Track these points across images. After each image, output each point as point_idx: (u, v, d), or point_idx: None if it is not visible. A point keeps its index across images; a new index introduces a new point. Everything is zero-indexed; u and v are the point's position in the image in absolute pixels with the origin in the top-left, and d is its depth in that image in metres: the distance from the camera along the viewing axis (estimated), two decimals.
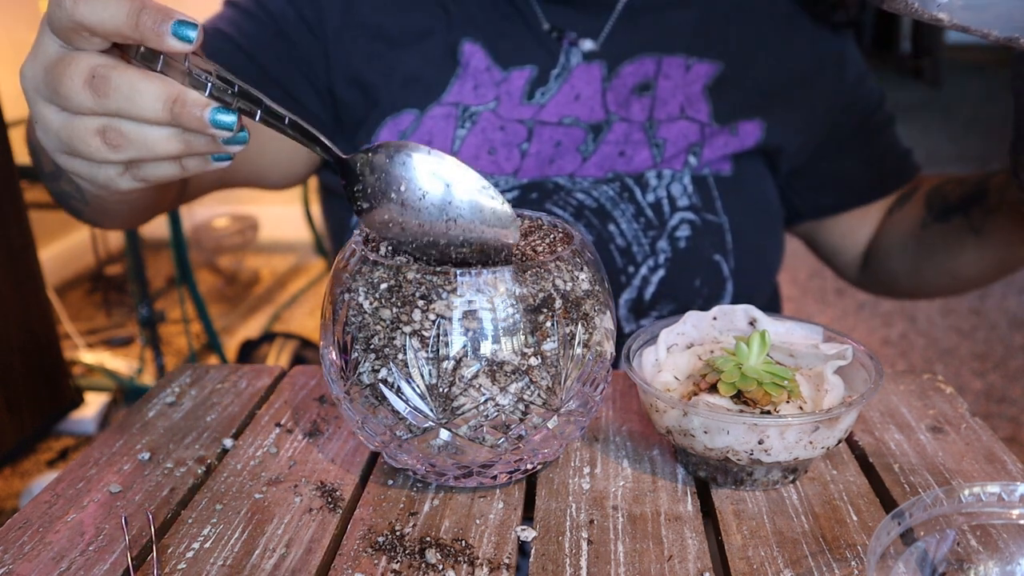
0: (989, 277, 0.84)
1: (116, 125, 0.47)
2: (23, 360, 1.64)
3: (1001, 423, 2.17)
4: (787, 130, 0.87)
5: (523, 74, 0.84)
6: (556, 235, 0.55)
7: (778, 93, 0.87)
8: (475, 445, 0.50)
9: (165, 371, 2.11)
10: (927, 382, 0.70)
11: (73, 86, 0.46)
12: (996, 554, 0.47)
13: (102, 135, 0.47)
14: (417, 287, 0.48)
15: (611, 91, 0.84)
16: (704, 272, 0.83)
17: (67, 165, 0.51)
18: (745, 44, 0.86)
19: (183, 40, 0.44)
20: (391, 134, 0.83)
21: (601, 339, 0.52)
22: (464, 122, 0.83)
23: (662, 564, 0.48)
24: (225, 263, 3.03)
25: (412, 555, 0.49)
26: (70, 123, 0.47)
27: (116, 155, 0.47)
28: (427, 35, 0.84)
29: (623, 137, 0.83)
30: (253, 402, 0.67)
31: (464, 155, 0.82)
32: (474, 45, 0.83)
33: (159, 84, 0.45)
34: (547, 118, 0.83)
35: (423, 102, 0.83)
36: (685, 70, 0.85)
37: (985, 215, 0.79)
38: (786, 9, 0.88)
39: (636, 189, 0.82)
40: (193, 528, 0.52)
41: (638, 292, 0.82)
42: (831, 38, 0.89)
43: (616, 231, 0.81)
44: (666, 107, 0.84)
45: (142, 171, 0.50)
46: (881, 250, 0.93)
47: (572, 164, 0.83)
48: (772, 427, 0.51)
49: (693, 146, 0.83)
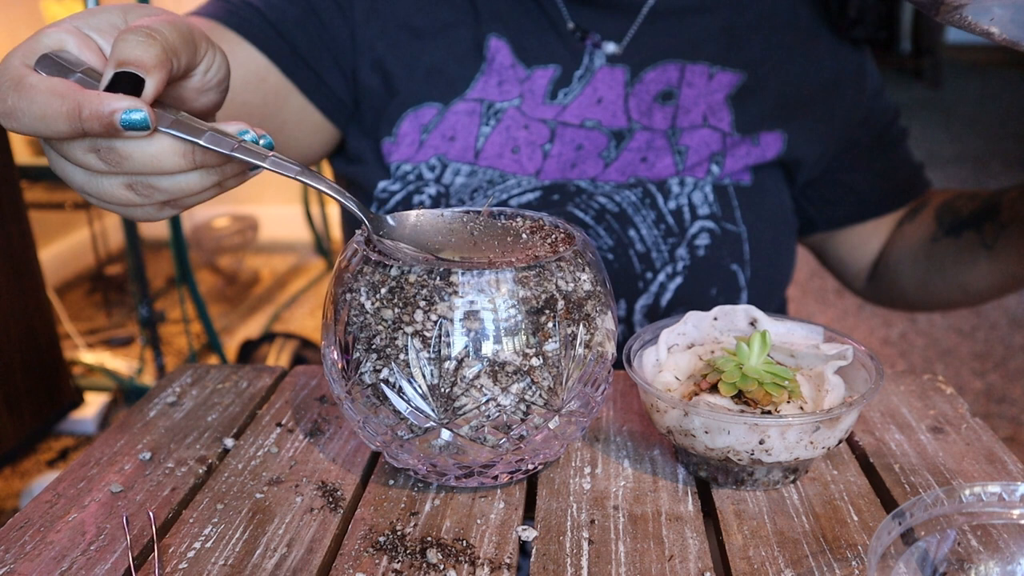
0: (999, 291, 0.84)
1: (143, 180, 0.46)
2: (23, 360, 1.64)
3: (1001, 423, 2.17)
4: (807, 142, 0.86)
5: (546, 73, 0.83)
6: (558, 236, 0.55)
7: (799, 105, 0.86)
8: (476, 445, 0.50)
9: (165, 371, 2.11)
10: (927, 382, 0.70)
11: (82, 158, 0.45)
12: (996, 554, 0.47)
13: (131, 189, 0.46)
14: (419, 288, 0.48)
15: (633, 97, 0.83)
16: (721, 281, 0.82)
17: (101, 206, 0.50)
18: (768, 54, 0.86)
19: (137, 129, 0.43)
20: (412, 127, 0.83)
21: (602, 340, 0.52)
22: (488, 119, 0.82)
23: (663, 564, 0.48)
24: (225, 263, 3.03)
25: (413, 555, 0.49)
26: (94, 180, 0.46)
27: (150, 200, 0.47)
28: (452, 28, 0.84)
29: (645, 144, 0.83)
30: (254, 402, 0.67)
31: (488, 153, 0.82)
32: (500, 40, 0.83)
33: (169, 143, 0.45)
34: (569, 119, 0.83)
35: (446, 96, 0.83)
36: (708, 79, 0.84)
37: (998, 230, 0.79)
38: (808, 22, 0.87)
39: (658, 196, 0.82)
40: (194, 528, 0.52)
41: (655, 298, 0.82)
42: (851, 51, 0.88)
43: (636, 236, 0.81)
44: (688, 116, 0.84)
45: (181, 203, 0.49)
46: (890, 263, 0.93)
47: (594, 169, 0.83)
48: (773, 427, 0.51)
49: (715, 155, 0.83)
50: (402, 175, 0.83)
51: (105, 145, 0.44)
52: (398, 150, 0.83)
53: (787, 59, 0.87)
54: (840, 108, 0.88)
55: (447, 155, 0.82)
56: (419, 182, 0.82)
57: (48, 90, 0.43)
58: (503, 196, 0.81)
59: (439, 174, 0.82)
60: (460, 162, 0.82)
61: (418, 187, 0.82)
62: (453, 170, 0.82)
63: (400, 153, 0.83)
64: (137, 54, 0.43)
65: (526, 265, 0.49)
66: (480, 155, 0.82)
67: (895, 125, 0.93)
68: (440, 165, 0.82)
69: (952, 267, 0.85)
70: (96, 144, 0.44)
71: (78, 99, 0.43)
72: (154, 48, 0.44)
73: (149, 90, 0.44)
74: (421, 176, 0.82)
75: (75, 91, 0.43)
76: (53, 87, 0.43)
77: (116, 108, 0.42)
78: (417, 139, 0.83)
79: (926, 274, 0.88)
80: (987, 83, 6.24)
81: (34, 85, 0.43)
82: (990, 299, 0.86)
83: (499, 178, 0.82)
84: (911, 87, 6.19)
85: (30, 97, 0.43)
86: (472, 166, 0.82)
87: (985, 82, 6.27)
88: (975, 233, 0.81)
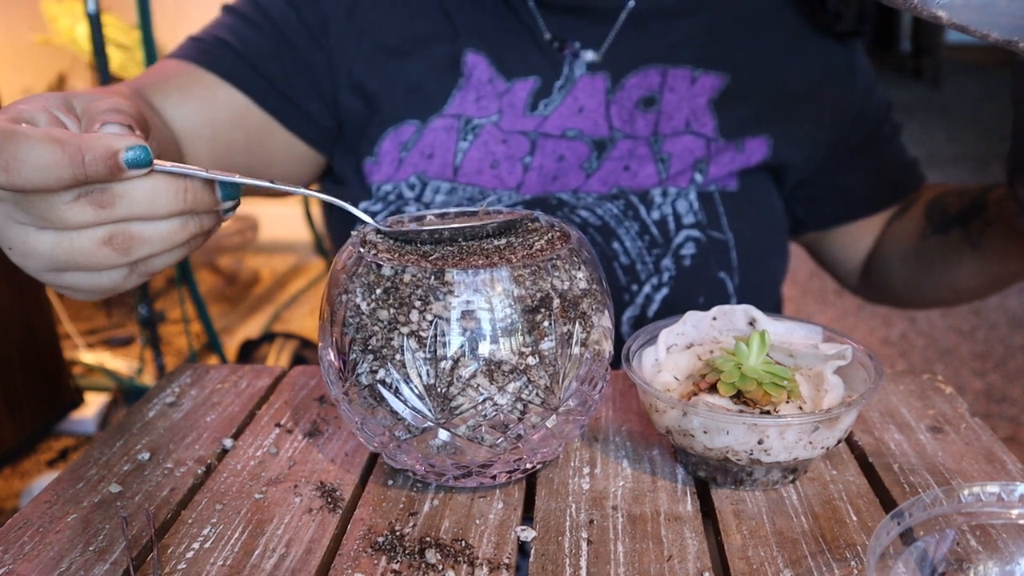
0: (986, 290, 0.83)
1: (124, 229, 0.45)
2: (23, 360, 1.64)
3: (1001, 423, 2.17)
4: (793, 146, 0.85)
5: (526, 85, 0.82)
6: (553, 234, 0.55)
7: (785, 107, 0.85)
8: (474, 445, 0.50)
9: (165, 371, 2.11)
10: (927, 382, 0.70)
11: (64, 212, 0.43)
12: (996, 554, 0.47)
13: (109, 243, 0.45)
14: (414, 288, 0.48)
15: (615, 104, 0.82)
16: (708, 290, 0.82)
17: (60, 282, 0.47)
18: (752, 56, 0.85)
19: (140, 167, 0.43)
20: (392, 145, 0.82)
21: (599, 338, 0.52)
22: (466, 135, 0.82)
23: (662, 564, 0.48)
24: (225, 263, 3.03)
25: (412, 555, 0.49)
26: (66, 240, 0.45)
27: (127, 258, 0.45)
28: (429, 44, 0.83)
29: (627, 152, 0.82)
30: (253, 402, 0.67)
31: (467, 168, 0.81)
32: (477, 56, 0.82)
33: (165, 181, 0.44)
34: (550, 130, 0.82)
35: (424, 113, 0.82)
36: (691, 82, 0.83)
37: (983, 228, 0.78)
38: (793, 21, 0.86)
39: (641, 207, 0.81)
40: (193, 528, 0.52)
41: (641, 310, 0.81)
42: (839, 49, 0.87)
43: (620, 249, 0.80)
44: (671, 121, 0.83)
45: (150, 265, 0.48)
46: (881, 260, 0.92)
47: (576, 180, 0.82)
48: (772, 427, 0.51)
49: (699, 162, 0.82)
50: (383, 195, 0.82)
51: (99, 187, 0.43)
52: (379, 170, 0.82)
53: (772, 60, 0.85)
54: (828, 108, 0.87)
55: (426, 173, 0.82)
56: (399, 201, 0.82)
57: (45, 136, 0.42)
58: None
59: (419, 192, 0.81)
60: (439, 179, 0.81)
61: (399, 207, 0.81)
62: (433, 188, 0.81)
63: (381, 173, 0.82)
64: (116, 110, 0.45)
65: (521, 263, 0.49)
66: (459, 172, 0.81)
67: (887, 122, 0.91)
68: (420, 183, 0.81)
69: (940, 265, 0.84)
70: (90, 188, 0.43)
71: (78, 143, 0.42)
72: (127, 108, 0.45)
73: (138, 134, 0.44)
74: (402, 195, 0.82)
75: (72, 135, 0.42)
76: (50, 134, 0.42)
77: (118, 147, 0.42)
78: (397, 157, 0.82)
79: (915, 272, 0.87)
80: (987, 83, 6.24)
81: (28, 134, 0.42)
82: (979, 297, 0.86)
83: (479, 194, 0.81)
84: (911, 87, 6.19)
85: (28, 146, 0.42)
86: (452, 183, 0.81)
87: (985, 82, 6.27)
88: (962, 230, 0.80)
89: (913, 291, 0.90)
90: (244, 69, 0.80)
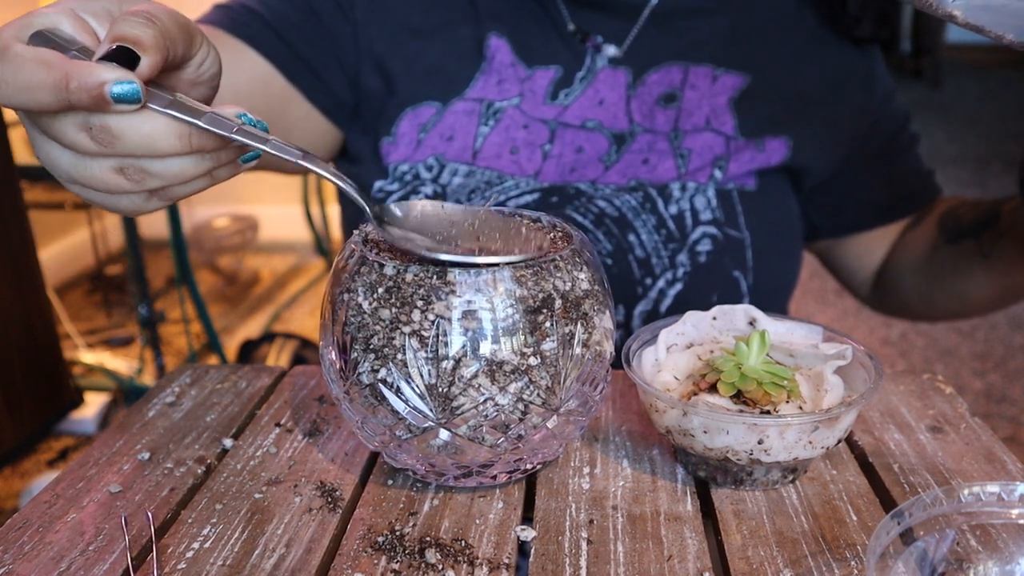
0: (997, 302, 0.83)
1: (135, 164, 0.44)
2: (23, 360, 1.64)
3: (1001, 423, 2.17)
4: (813, 149, 0.85)
5: (547, 74, 0.83)
6: (555, 234, 0.55)
7: (804, 110, 0.85)
8: (475, 445, 0.50)
9: (165, 371, 2.11)
10: (927, 382, 0.70)
11: (72, 137, 0.43)
12: (996, 554, 0.47)
13: (121, 173, 0.44)
14: (416, 287, 0.48)
15: (636, 99, 0.83)
16: (722, 288, 0.81)
17: (83, 195, 0.47)
18: (773, 58, 0.85)
19: (127, 102, 0.41)
20: (411, 126, 0.82)
21: (600, 339, 0.52)
22: (488, 119, 0.82)
23: (662, 564, 0.48)
24: (225, 263, 3.03)
25: (412, 555, 0.49)
26: (81, 163, 0.45)
27: (140, 187, 0.45)
28: (452, 27, 0.83)
29: (647, 146, 0.82)
30: (253, 402, 0.67)
31: (486, 153, 0.82)
32: (500, 39, 0.83)
33: (166, 123, 0.43)
34: (570, 120, 0.82)
35: (445, 95, 0.83)
36: (712, 81, 0.83)
37: (995, 239, 0.78)
38: (814, 25, 0.86)
39: (659, 200, 0.81)
40: (193, 528, 0.52)
41: (653, 304, 0.81)
42: (859, 55, 0.87)
43: (636, 241, 0.80)
44: (691, 118, 0.83)
45: (170, 193, 0.47)
46: (893, 270, 0.92)
47: (594, 172, 0.82)
48: (772, 427, 0.51)
49: (719, 159, 0.82)
50: (399, 175, 0.82)
51: (98, 123, 0.43)
52: (396, 150, 0.83)
53: (792, 62, 0.86)
54: (847, 114, 0.87)
55: (445, 155, 0.82)
56: (416, 182, 0.82)
57: (35, 59, 0.41)
58: (501, 197, 0.81)
59: (436, 174, 0.82)
60: (458, 162, 0.82)
61: (415, 187, 0.82)
62: (451, 170, 0.82)
63: (398, 153, 0.83)
64: (135, 33, 0.42)
65: (524, 264, 0.49)
66: (478, 155, 0.82)
67: (905, 131, 0.91)
68: (438, 165, 0.82)
69: (951, 276, 0.84)
70: (88, 121, 0.43)
71: (66, 69, 0.41)
72: (152, 30, 0.43)
73: (144, 68, 0.42)
74: (418, 176, 0.82)
75: (63, 61, 0.41)
76: (40, 56, 0.42)
77: (106, 79, 0.41)
78: (415, 138, 0.83)
79: (926, 283, 0.87)
80: (987, 83, 6.24)
81: (20, 54, 0.42)
82: (990, 310, 0.85)
83: (497, 179, 0.82)
84: (911, 87, 6.18)
85: (16, 66, 0.41)
86: (470, 166, 0.82)
87: (985, 82, 6.26)
88: (973, 242, 0.80)
89: (924, 303, 0.89)
90: (270, 36, 0.80)
